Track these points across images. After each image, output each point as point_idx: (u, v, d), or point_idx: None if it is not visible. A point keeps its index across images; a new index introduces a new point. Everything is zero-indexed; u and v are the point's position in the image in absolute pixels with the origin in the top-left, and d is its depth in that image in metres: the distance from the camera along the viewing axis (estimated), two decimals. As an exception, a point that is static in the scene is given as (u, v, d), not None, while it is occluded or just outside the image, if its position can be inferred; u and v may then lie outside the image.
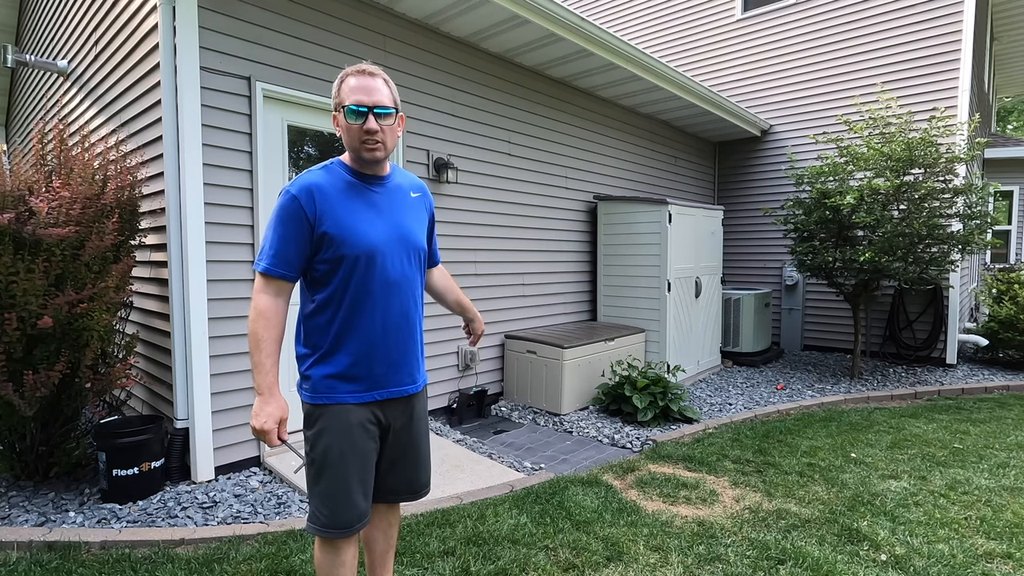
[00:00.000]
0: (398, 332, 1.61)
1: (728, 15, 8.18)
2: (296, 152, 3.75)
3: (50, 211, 2.77)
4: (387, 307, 1.58)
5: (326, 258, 1.53)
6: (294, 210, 1.50)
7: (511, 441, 4.14)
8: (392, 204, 1.63)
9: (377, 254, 1.55)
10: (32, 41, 6.06)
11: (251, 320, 1.50)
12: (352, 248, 1.52)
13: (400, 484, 1.74)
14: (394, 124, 1.58)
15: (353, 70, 1.55)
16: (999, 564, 2.49)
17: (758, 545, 2.60)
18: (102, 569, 2.32)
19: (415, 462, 1.75)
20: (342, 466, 1.55)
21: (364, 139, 1.52)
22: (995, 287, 7.05)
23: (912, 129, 5.68)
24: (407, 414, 1.69)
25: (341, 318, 1.55)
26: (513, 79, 5.11)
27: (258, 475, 3.35)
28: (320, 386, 1.56)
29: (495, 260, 5.01)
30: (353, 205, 1.55)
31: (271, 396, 1.49)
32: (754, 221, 8.17)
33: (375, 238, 1.55)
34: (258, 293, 1.52)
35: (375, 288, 1.56)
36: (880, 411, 4.92)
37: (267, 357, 1.49)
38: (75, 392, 3.08)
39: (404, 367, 1.64)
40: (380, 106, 1.52)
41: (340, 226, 1.52)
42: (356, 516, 1.58)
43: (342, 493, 1.56)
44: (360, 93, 1.51)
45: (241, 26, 3.34)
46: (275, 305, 1.52)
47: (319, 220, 1.51)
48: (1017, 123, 23.27)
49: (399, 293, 1.60)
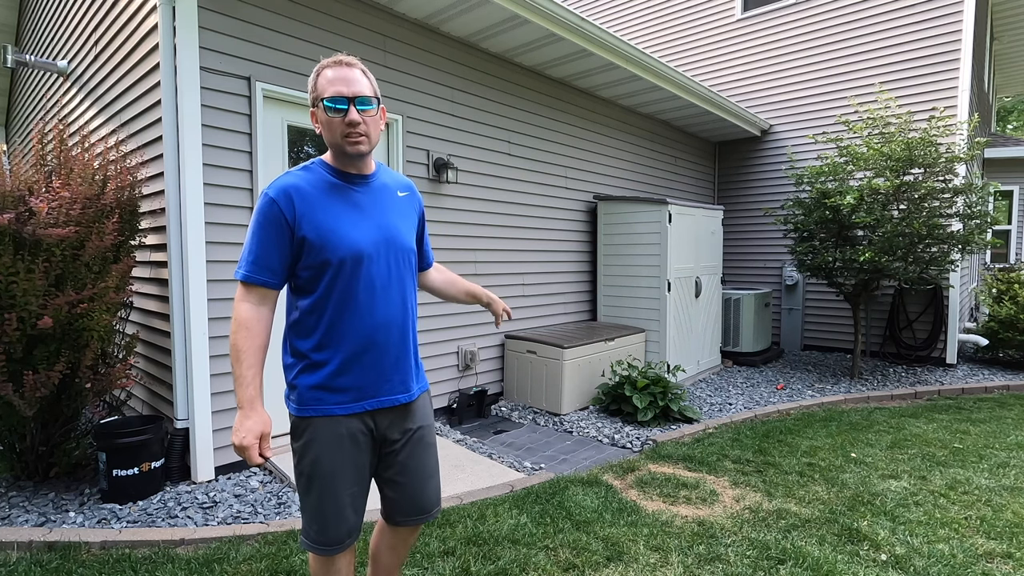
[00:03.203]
0: (387, 338, 1.53)
1: (728, 15, 8.19)
2: (296, 152, 3.75)
3: (50, 211, 2.77)
4: (375, 313, 1.50)
5: (309, 264, 1.46)
6: (273, 214, 1.43)
7: (511, 441, 4.15)
8: (377, 204, 1.56)
9: (363, 257, 1.48)
10: (32, 41, 6.06)
11: (232, 331, 1.43)
12: (336, 252, 1.44)
13: (407, 505, 1.63)
14: (376, 116, 1.50)
15: (329, 61, 1.47)
16: (999, 564, 2.49)
17: (758, 545, 2.61)
18: (102, 569, 2.32)
19: (420, 480, 1.63)
20: (331, 479, 1.48)
21: (347, 132, 1.45)
22: (995, 287, 7.05)
23: (912, 129, 5.68)
24: (404, 426, 1.60)
25: (326, 325, 1.48)
26: (513, 79, 5.11)
27: (258, 475, 3.35)
28: (307, 396, 1.49)
29: (495, 260, 5.01)
30: (335, 207, 1.48)
31: (252, 410, 1.41)
32: (754, 221, 8.17)
33: (360, 241, 1.48)
34: (239, 302, 1.45)
35: (361, 293, 1.48)
36: (880, 411, 4.92)
37: (248, 369, 1.42)
38: (75, 392, 3.08)
39: (395, 375, 1.56)
40: (361, 96, 1.44)
41: (322, 230, 1.44)
42: (346, 531, 1.52)
43: (332, 508, 1.49)
44: (339, 84, 1.43)
45: (241, 26, 3.34)
46: (257, 314, 1.45)
47: (299, 224, 1.44)
48: (1017, 123, 23.27)
49: (387, 297, 1.53)
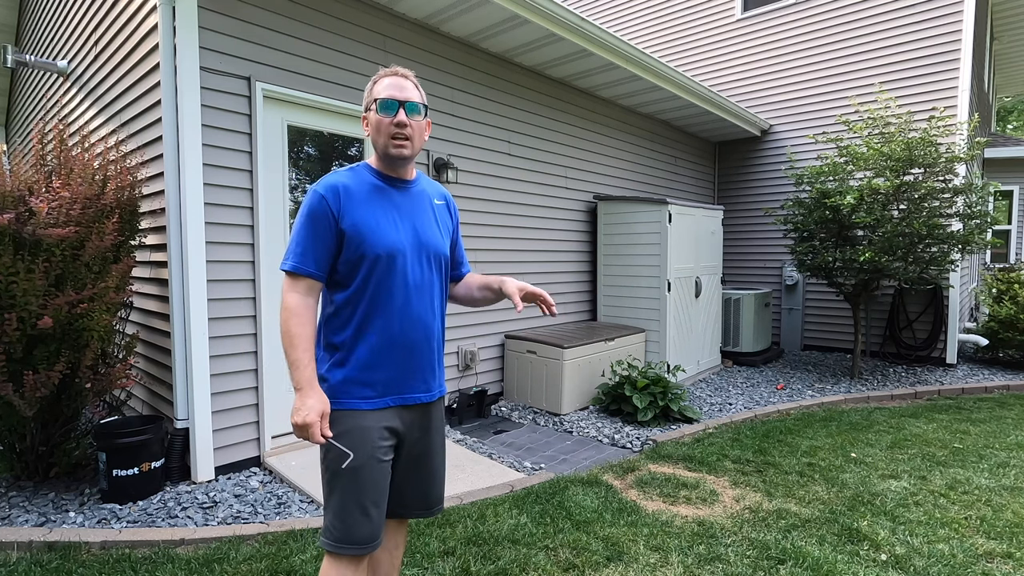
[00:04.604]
0: (417, 337, 1.60)
1: (728, 15, 8.19)
2: (296, 152, 3.75)
3: (50, 211, 2.77)
4: (406, 311, 1.57)
5: (347, 258, 1.54)
6: (321, 209, 1.52)
7: (511, 441, 4.15)
8: (415, 208, 1.65)
9: (398, 255, 1.55)
10: (32, 41, 6.06)
11: (283, 320, 1.50)
12: (373, 248, 1.52)
13: (414, 498, 1.69)
14: (422, 124, 1.61)
15: (387, 72, 1.60)
16: (999, 564, 2.49)
17: (758, 545, 2.61)
18: (102, 569, 2.32)
19: (429, 476, 1.71)
20: (357, 475, 1.51)
21: (394, 133, 1.55)
22: (995, 287, 7.05)
23: (912, 129, 5.68)
24: (423, 425, 1.66)
25: (359, 320, 1.55)
26: (513, 79, 5.11)
27: (258, 475, 3.35)
28: (337, 390, 1.54)
29: (495, 260, 5.01)
30: (377, 206, 1.57)
31: (311, 389, 1.47)
32: (754, 221, 8.17)
33: (397, 240, 1.56)
34: (287, 292, 1.52)
35: (395, 290, 1.55)
36: (880, 411, 4.92)
37: (303, 352, 1.48)
38: (75, 392, 3.08)
39: (419, 374, 1.62)
40: (411, 102, 1.56)
41: (362, 226, 1.53)
42: (369, 532, 1.52)
43: (356, 504, 1.50)
44: (393, 89, 1.56)
45: (241, 26, 3.34)
46: (305, 303, 1.52)
47: (343, 219, 1.52)
48: (1017, 123, 23.27)
49: (419, 297, 1.60)
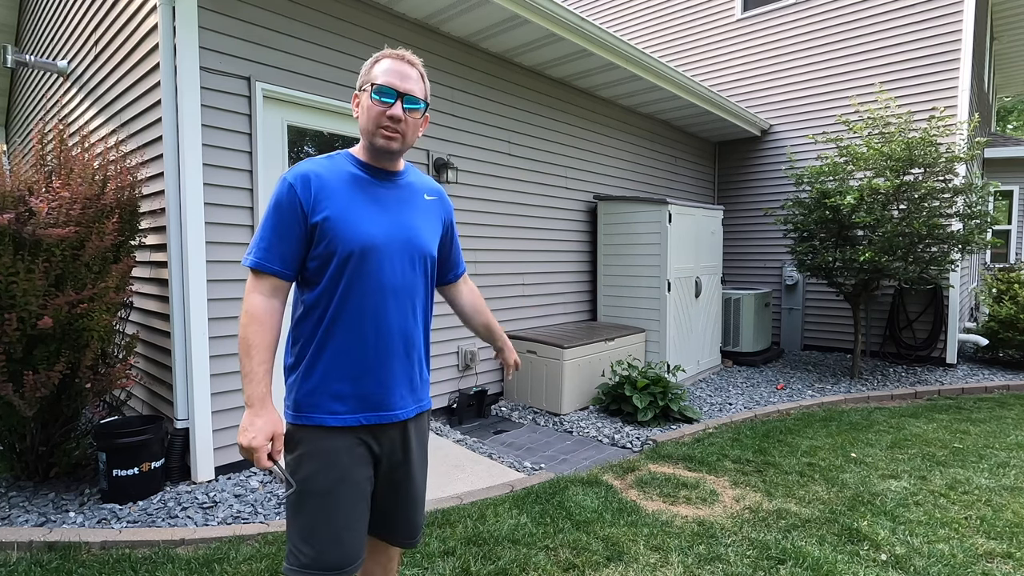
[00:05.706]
0: (392, 347, 1.42)
1: (728, 15, 8.18)
2: (296, 152, 3.75)
3: (50, 211, 2.77)
4: (381, 316, 1.39)
5: (316, 253, 1.37)
6: (289, 199, 1.35)
7: (511, 441, 4.14)
8: (400, 202, 1.47)
9: (372, 252, 1.37)
10: (32, 41, 6.06)
11: (242, 324, 1.34)
12: (345, 244, 1.35)
13: (400, 524, 1.53)
14: (420, 119, 1.45)
15: (391, 52, 1.42)
16: (999, 564, 2.49)
17: (758, 545, 2.61)
18: (102, 569, 2.32)
19: (411, 504, 1.53)
20: (327, 497, 1.35)
21: (384, 124, 1.38)
22: (995, 287, 7.04)
23: (912, 129, 5.68)
24: (402, 445, 1.48)
25: (327, 324, 1.37)
26: (513, 79, 5.11)
27: (258, 475, 3.35)
28: (302, 403, 1.39)
29: (495, 260, 5.01)
30: (353, 198, 1.40)
31: (262, 408, 1.32)
32: (754, 221, 8.17)
33: (373, 235, 1.38)
34: (250, 293, 1.36)
35: (369, 292, 1.37)
36: (880, 411, 4.92)
37: (259, 365, 1.33)
38: (75, 392, 3.08)
39: (397, 388, 1.44)
40: (411, 95, 1.39)
41: (333, 218, 1.35)
42: (344, 556, 1.36)
43: (326, 529, 1.35)
44: (394, 76, 1.38)
45: (241, 26, 3.34)
46: (269, 307, 1.35)
47: (313, 211, 1.35)
48: (1017, 123, 23.27)
49: (397, 301, 1.41)
